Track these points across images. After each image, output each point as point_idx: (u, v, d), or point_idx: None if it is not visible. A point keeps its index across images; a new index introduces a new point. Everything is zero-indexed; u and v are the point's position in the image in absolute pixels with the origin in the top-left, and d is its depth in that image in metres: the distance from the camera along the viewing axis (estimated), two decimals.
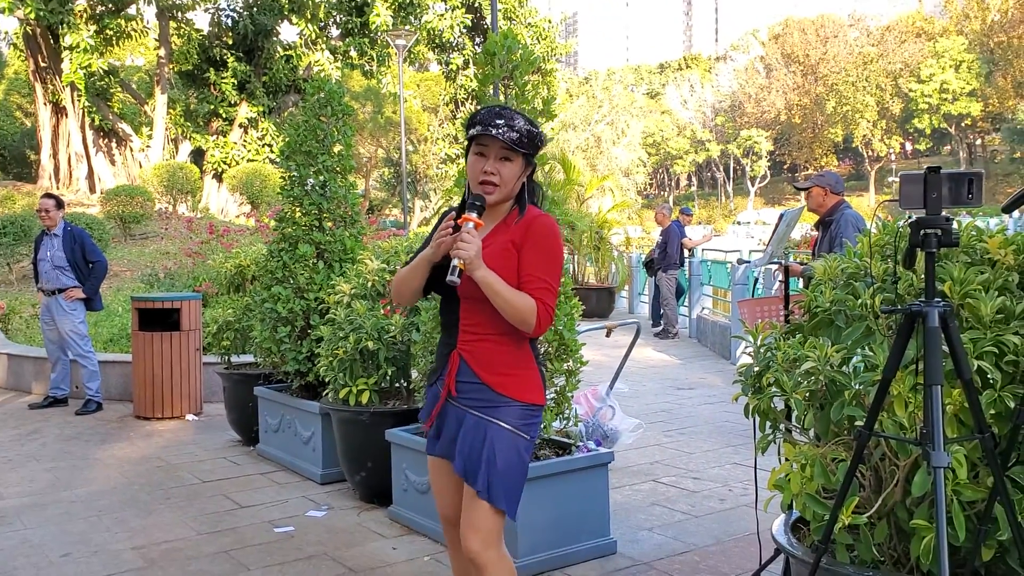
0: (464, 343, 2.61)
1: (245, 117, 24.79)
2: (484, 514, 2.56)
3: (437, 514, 4.28)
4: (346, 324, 5.01)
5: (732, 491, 5.24)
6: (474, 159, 2.58)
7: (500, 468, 2.54)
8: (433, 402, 2.71)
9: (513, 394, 2.58)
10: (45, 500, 5.28)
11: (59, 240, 7.88)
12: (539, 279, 2.53)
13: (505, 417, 2.57)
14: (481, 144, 2.56)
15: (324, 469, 5.55)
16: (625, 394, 8.02)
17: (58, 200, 8.10)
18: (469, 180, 2.61)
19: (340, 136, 6.02)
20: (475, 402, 2.59)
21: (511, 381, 2.59)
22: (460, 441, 2.59)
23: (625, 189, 44.21)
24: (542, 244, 2.57)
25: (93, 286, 8.02)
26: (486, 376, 2.58)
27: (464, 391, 2.60)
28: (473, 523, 2.57)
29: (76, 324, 7.91)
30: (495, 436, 2.56)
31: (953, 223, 2.37)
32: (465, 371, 2.60)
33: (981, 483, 2.40)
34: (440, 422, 2.69)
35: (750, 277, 10.09)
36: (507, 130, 2.50)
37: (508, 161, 2.55)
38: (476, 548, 2.56)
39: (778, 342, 2.82)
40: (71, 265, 7.87)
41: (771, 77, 75.33)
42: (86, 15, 22.26)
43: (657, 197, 78.54)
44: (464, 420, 2.60)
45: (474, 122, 2.57)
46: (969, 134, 69.73)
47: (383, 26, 23.89)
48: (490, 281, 2.46)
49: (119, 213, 17.18)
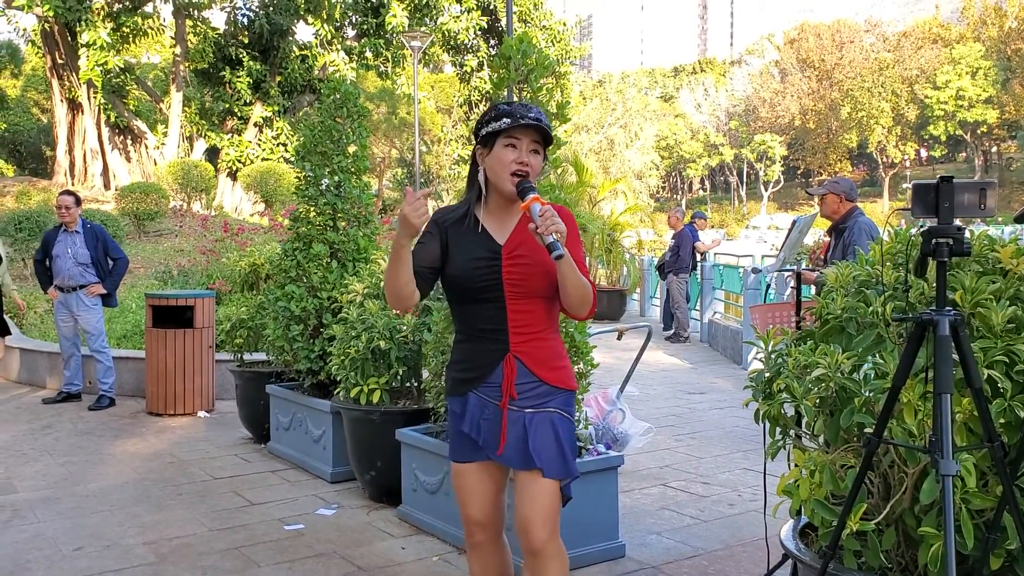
0: (518, 344, 2.60)
1: (260, 116, 24.90)
2: (552, 504, 2.58)
3: (446, 514, 4.33)
4: (358, 323, 5.04)
5: (741, 496, 5.25)
6: (504, 151, 2.55)
7: (570, 453, 2.61)
8: (478, 411, 2.65)
9: (562, 383, 2.64)
10: (58, 494, 5.33)
11: (80, 237, 7.94)
12: (582, 263, 2.57)
13: (560, 405, 2.62)
14: (513, 136, 2.56)
15: (334, 468, 5.57)
16: (635, 397, 8.02)
17: (76, 197, 8.15)
18: (492, 172, 2.59)
19: (355, 137, 6.05)
20: (529, 401, 2.60)
21: (561, 373, 2.65)
22: (532, 440, 2.56)
23: (638, 192, 44.18)
24: (574, 232, 2.62)
25: (115, 282, 8.12)
26: (544, 373, 2.60)
27: (522, 393, 2.60)
28: (541, 515, 2.57)
29: (98, 320, 8.00)
30: (560, 423, 2.61)
31: (965, 232, 2.38)
32: (523, 372, 2.60)
33: (990, 492, 2.41)
34: (486, 428, 2.63)
35: (762, 282, 10.08)
36: (539, 121, 2.55)
37: (536, 153, 2.59)
38: (545, 538, 2.56)
39: (789, 348, 2.83)
40: (93, 262, 7.95)
41: (786, 82, 75.08)
42: (103, 12, 22.42)
43: (670, 201, 78.42)
44: (528, 421, 2.58)
45: (498, 115, 2.56)
46: (985, 141, 69.33)
47: (399, 27, 23.97)
48: (570, 259, 2.45)
49: (134, 210, 17.30)
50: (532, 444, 2.56)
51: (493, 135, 2.58)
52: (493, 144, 2.58)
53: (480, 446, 2.65)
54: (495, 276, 2.58)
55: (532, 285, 2.56)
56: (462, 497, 2.74)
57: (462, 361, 2.70)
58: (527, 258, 2.56)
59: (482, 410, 2.64)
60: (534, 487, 2.58)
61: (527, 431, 2.58)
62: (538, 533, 2.56)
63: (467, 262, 2.60)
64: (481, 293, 2.59)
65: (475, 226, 2.65)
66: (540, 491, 2.57)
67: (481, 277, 2.59)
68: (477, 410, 2.65)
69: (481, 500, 2.72)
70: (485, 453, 2.65)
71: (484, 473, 2.70)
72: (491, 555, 2.81)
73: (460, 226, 2.66)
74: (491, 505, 2.73)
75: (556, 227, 2.35)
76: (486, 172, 2.63)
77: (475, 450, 2.67)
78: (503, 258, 2.58)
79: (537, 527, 2.56)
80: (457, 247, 2.65)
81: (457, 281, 2.64)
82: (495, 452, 2.62)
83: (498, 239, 2.62)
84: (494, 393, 2.62)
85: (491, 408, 2.63)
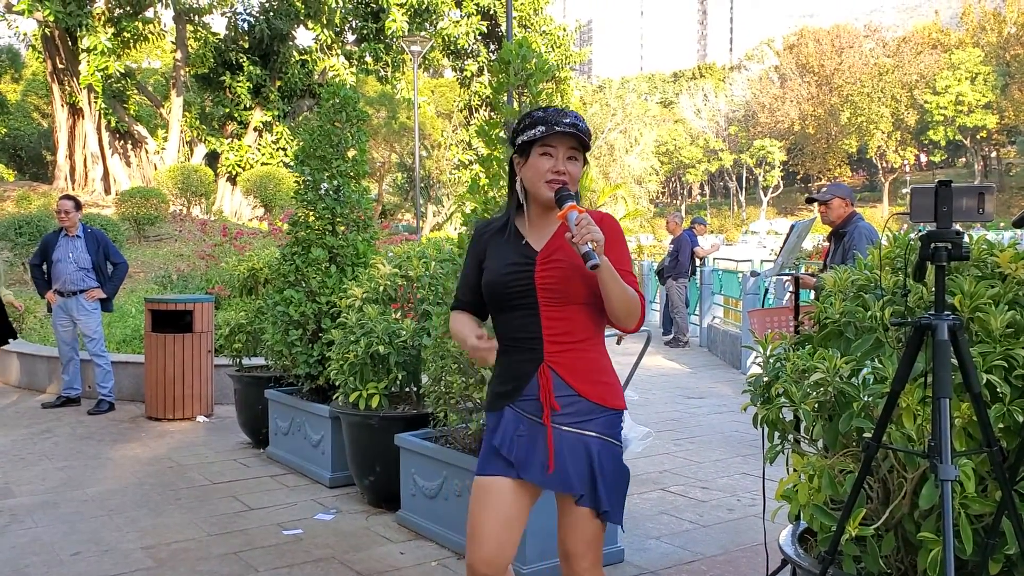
0: (552, 354, 2.47)
1: (260, 121, 24.94)
2: (595, 532, 2.47)
3: (445, 519, 4.32)
4: (357, 328, 5.04)
5: (740, 501, 5.24)
6: (539, 160, 2.46)
7: (611, 482, 2.48)
8: (512, 427, 2.51)
9: (605, 402, 2.50)
10: (57, 499, 5.32)
11: (81, 242, 7.96)
12: (628, 272, 2.45)
13: (601, 428, 2.48)
14: (548, 144, 2.46)
15: (333, 472, 5.57)
16: (635, 402, 8.02)
17: (77, 201, 8.16)
18: (530, 182, 2.50)
19: (355, 141, 6.05)
20: (567, 418, 2.46)
21: (603, 389, 2.50)
22: (564, 461, 2.43)
23: (637, 197, 44.23)
24: (619, 240, 2.51)
25: (115, 286, 8.15)
26: (581, 386, 2.46)
27: (561, 405, 2.46)
28: (582, 545, 2.47)
29: (97, 324, 8.01)
30: (600, 450, 2.47)
31: (964, 237, 2.38)
32: (559, 385, 2.46)
33: (989, 497, 2.40)
34: (519, 445, 2.49)
35: (761, 287, 10.09)
36: (575, 128, 2.45)
37: (574, 160, 2.49)
38: (588, 567, 2.47)
39: (788, 353, 2.83)
40: (94, 267, 7.97)
41: (785, 87, 75.22)
42: (104, 17, 22.47)
43: (669, 206, 78.52)
44: (563, 441, 2.45)
45: (533, 122, 2.47)
46: (984, 146, 69.44)
47: (399, 32, 24.01)
48: (611, 267, 2.34)
49: (134, 214, 17.31)
50: (563, 466, 2.44)
51: (529, 144, 2.48)
52: (529, 153, 2.48)
53: (511, 464, 2.48)
54: (528, 281, 2.47)
55: (568, 291, 2.44)
56: (475, 518, 2.51)
57: (499, 375, 2.59)
58: (563, 262, 2.45)
59: (516, 426, 2.50)
60: (573, 514, 2.47)
61: (564, 452, 2.45)
62: (584, 562, 2.47)
63: (501, 267, 2.52)
64: (514, 299, 2.49)
65: (515, 236, 2.57)
66: (579, 519, 2.46)
67: (514, 282, 2.49)
68: (512, 425, 2.51)
69: (496, 526, 2.48)
70: (516, 471, 2.48)
71: (508, 493, 2.49)
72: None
73: (500, 236, 2.59)
74: (504, 536, 2.48)
75: (592, 236, 2.24)
76: (523, 182, 2.54)
77: (504, 466, 2.49)
78: (537, 263, 2.48)
79: (583, 557, 2.47)
80: (494, 255, 2.58)
81: (491, 287, 2.55)
82: (535, 474, 2.46)
83: (536, 247, 2.52)
84: (531, 407, 2.48)
85: (527, 424, 2.49)
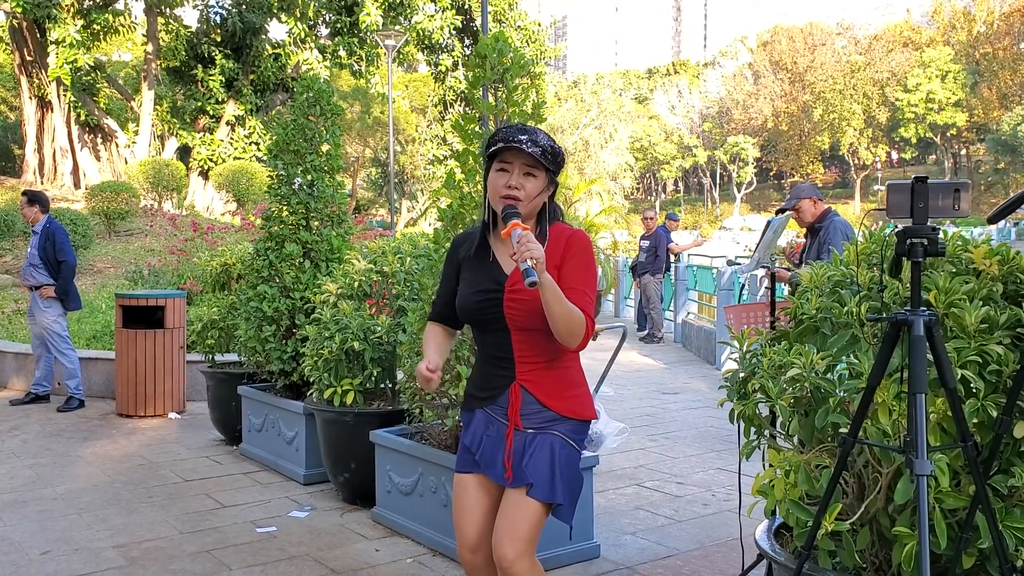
0: (524, 373, 2.58)
1: (232, 115, 24.69)
2: (529, 522, 2.51)
3: (421, 516, 4.30)
4: (332, 324, 5.00)
5: (716, 496, 5.26)
6: (496, 175, 2.54)
7: (567, 479, 2.55)
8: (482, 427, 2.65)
9: (573, 413, 2.60)
10: (25, 497, 5.24)
11: (37, 238, 7.91)
12: (581, 291, 2.49)
13: (565, 430, 2.58)
14: (504, 161, 2.53)
15: (307, 469, 5.53)
16: (610, 398, 8.03)
17: (30, 196, 8.04)
18: (490, 198, 2.58)
19: (328, 135, 6.01)
20: (535, 422, 2.57)
21: (571, 403, 2.60)
22: (526, 457, 2.54)
23: (612, 193, 44.33)
24: (581, 258, 2.55)
25: (62, 285, 7.92)
26: (550, 402, 2.57)
27: (526, 418, 2.58)
28: (513, 532, 2.51)
29: (50, 321, 7.88)
30: (560, 448, 2.56)
31: (939, 233, 2.39)
32: (529, 401, 2.58)
33: (963, 491, 2.42)
34: (487, 445, 2.63)
35: (736, 283, 10.13)
36: (531, 144, 2.49)
37: (532, 176, 2.52)
38: (512, 556, 2.48)
39: (764, 348, 2.83)
40: (43, 263, 7.86)
41: (759, 84, 75.66)
42: (73, 9, 22.13)
43: (644, 202, 78.74)
44: (528, 441, 2.56)
45: (495, 140, 2.54)
46: (954, 144, 70.24)
47: (373, 26, 23.84)
48: (554, 285, 2.37)
49: (104, 209, 17.08)
50: (525, 461, 2.54)
51: (490, 160, 2.56)
52: (490, 169, 2.57)
53: (476, 460, 2.63)
54: (497, 309, 2.56)
55: (533, 320, 2.51)
56: (458, 512, 2.70)
57: (476, 381, 2.71)
58: (527, 293, 2.48)
59: (487, 426, 2.64)
60: (513, 502, 2.54)
61: (524, 450, 2.55)
62: (505, 550, 2.49)
63: (472, 295, 2.60)
64: (486, 324, 2.60)
65: (485, 254, 2.64)
66: (517, 507, 2.52)
67: (484, 310, 2.58)
68: (482, 425, 2.65)
69: (475, 517, 2.66)
70: (481, 468, 2.63)
71: (480, 489, 2.65)
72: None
73: (472, 254, 2.67)
74: (484, 525, 2.65)
75: (532, 253, 2.27)
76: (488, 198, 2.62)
77: (474, 463, 2.65)
78: (505, 291, 2.55)
79: (505, 543, 2.50)
80: (466, 278, 2.66)
81: (463, 312, 2.66)
82: (494, 474, 2.59)
83: (506, 269, 2.59)
84: (502, 413, 2.61)
85: (496, 426, 2.62)
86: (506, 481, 2.57)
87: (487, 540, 2.63)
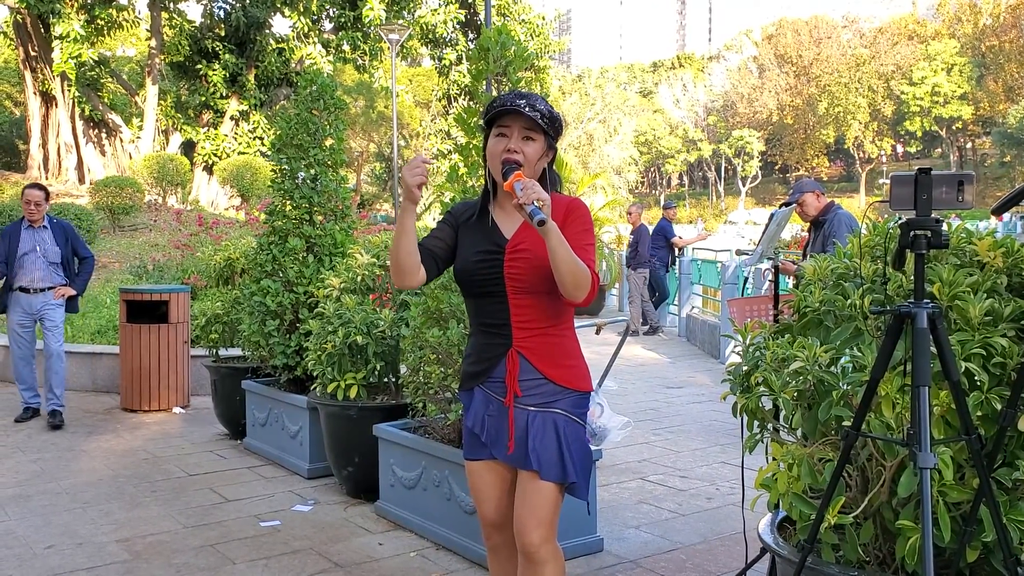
0: (521, 339, 2.55)
1: (236, 110, 24.68)
2: (549, 505, 2.52)
3: (424, 510, 4.30)
4: (335, 318, 5.00)
5: (719, 490, 5.25)
6: (495, 141, 2.53)
7: (577, 457, 2.55)
8: (482, 407, 2.62)
9: (571, 384, 2.57)
10: (30, 491, 5.26)
11: (49, 234, 7.09)
12: (583, 247, 2.47)
13: (567, 407, 2.55)
14: (502, 125, 2.53)
15: (311, 464, 5.53)
16: (614, 392, 8.03)
17: (47, 191, 7.33)
18: (489, 163, 2.57)
19: (332, 130, 6.00)
20: (535, 398, 2.54)
21: (569, 372, 2.58)
22: (532, 440, 2.52)
23: (617, 187, 44.29)
24: (582, 222, 2.55)
25: (84, 282, 7.33)
26: (548, 370, 2.54)
27: (526, 389, 2.55)
28: (536, 516, 2.51)
29: (60, 320, 7.17)
30: (565, 426, 2.54)
31: (943, 225, 2.38)
32: (527, 369, 2.55)
33: (967, 484, 2.41)
34: (490, 424, 2.60)
35: (740, 276, 10.11)
36: (529, 108, 2.49)
37: (531, 140, 2.52)
38: (538, 542, 2.50)
39: (767, 341, 2.82)
40: (63, 261, 7.15)
41: (764, 77, 75.46)
42: (77, 4, 22.14)
43: (648, 196, 78.68)
44: (531, 420, 2.54)
45: (493, 106, 2.54)
46: (960, 137, 70.03)
47: (376, 20, 23.79)
48: (559, 232, 2.33)
49: (108, 204, 17.09)
50: (531, 444, 2.52)
51: (489, 126, 2.56)
52: (489, 135, 2.57)
53: (484, 443, 2.62)
54: (497, 271, 2.54)
55: (535, 280, 2.50)
56: (476, 496, 2.71)
57: (470, 355, 2.67)
58: (529, 252, 2.50)
59: (486, 406, 2.61)
60: (529, 488, 2.54)
61: (528, 430, 2.54)
62: (532, 536, 2.50)
63: (471, 255, 2.58)
64: (484, 287, 2.56)
65: (485, 219, 2.63)
66: (535, 492, 2.52)
67: (483, 271, 2.56)
68: (482, 406, 2.62)
69: (498, 500, 2.66)
70: (490, 451, 2.61)
71: (493, 473, 2.65)
72: (508, 560, 2.75)
73: (473, 219, 2.65)
74: (505, 505, 2.66)
75: (536, 195, 2.27)
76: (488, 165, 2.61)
77: (482, 448, 2.64)
78: (506, 253, 2.55)
79: (530, 530, 2.51)
80: (465, 241, 2.64)
81: (462, 275, 2.62)
82: (501, 451, 2.58)
83: (506, 233, 2.59)
84: (499, 389, 2.58)
85: (495, 404, 2.59)
86: (511, 458, 2.56)
87: (509, 520, 2.65)
